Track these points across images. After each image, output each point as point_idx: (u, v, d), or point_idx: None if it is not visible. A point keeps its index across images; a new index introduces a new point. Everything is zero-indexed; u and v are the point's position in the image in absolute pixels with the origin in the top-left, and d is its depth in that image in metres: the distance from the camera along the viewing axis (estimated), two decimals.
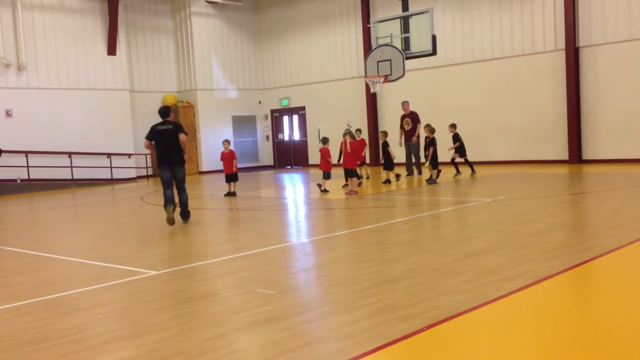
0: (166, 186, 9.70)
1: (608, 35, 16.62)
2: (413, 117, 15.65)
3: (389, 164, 14.40)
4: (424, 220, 9.29)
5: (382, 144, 14.84)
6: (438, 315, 4.36)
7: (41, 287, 6.07)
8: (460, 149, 15.07)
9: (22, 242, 9.20)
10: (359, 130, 15.56)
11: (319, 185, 13.44)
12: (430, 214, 9.85)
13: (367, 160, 17.04)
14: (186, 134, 10.02)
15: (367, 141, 16.37)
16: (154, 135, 9.83)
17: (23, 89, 19.20)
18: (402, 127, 15.72)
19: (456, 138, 15.08)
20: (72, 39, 20.22)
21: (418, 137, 15.55)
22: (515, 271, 5.52)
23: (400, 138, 15.78)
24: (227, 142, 14.20)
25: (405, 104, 16.00)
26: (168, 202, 9.53)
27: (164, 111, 9.90)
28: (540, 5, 17.73)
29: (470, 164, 15.26)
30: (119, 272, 6.49)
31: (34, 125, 19.22)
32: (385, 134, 14.96)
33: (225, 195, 13.89)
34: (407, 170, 15.94)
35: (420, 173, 15.71)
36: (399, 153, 15.63)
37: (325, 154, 13.27)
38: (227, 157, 13.90)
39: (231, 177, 13.95)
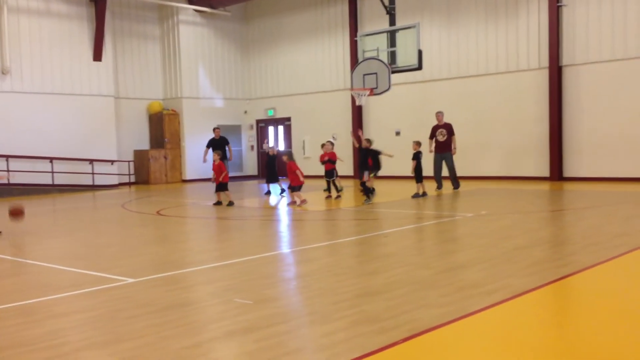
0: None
1: (591, 54, 16.87)
2: (448, 129, 15.35)
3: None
4: (405, 233, 9.30)
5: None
6: (416, 328, 4.36)
7: (16, 293, 5.97)
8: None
9: None
10: (330, 142, 15.26)
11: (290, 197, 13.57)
12: (412, 228, 9.87)
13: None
14: (228, 142, 17.69)
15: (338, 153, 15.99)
16: (210, 144, 17.36)
17: (6, 93, 18.99)
18: (431, 137, 15.45)
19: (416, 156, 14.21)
20: (57, 43, 20.08)
21: (454, 148, 15.36)
22: (494, 285, 5.53)
23: (430, 147, 15.47)
24: (216, 153, 14.01)
25: (439, 115, 15.58)
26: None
27: (216, 131, 17.76)
28: (525, 24, 17.96)
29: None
30: (96, 279, 6.41)
31: (16, 129, 19.00)
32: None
33: (214, 204, 13.64)
34: (437, 184, 15.48)
35: (456, 187, 15.33)
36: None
37: (293, 168, 13.31)
38: (216, 169, 13.80)
39: (220, 187, 13.79)
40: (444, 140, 15.30)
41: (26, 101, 19.37)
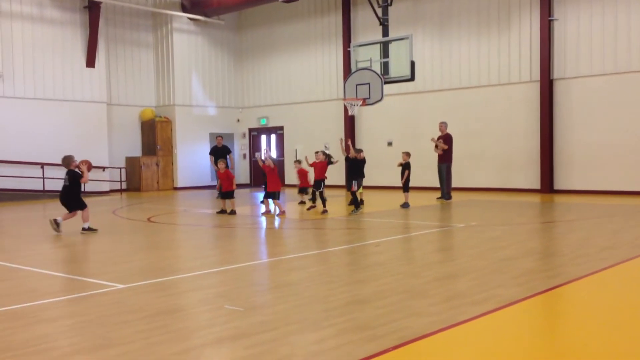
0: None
1: (581, 68, 17.03)
2: (444, 139, 15.52)
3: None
4: (395, 243, 9.33)
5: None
6: (405, 336, 4.37)
7: (4, 298, 5.94)
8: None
9: None
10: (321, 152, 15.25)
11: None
12: (403, 237, 9.90)
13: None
14: (230, 151, 18.23)
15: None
16: (213, 152, 17.95)
17: None
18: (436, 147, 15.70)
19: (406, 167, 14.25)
20: (50, 49, 20.05)
21: (450, 160, 15.55)
22: (483, 295, 5.56)
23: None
24: (221, 161, 13.78)
25: (442, 125, 15.84)
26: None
27: (218, 140, 18.49)
28: (517, 37, 18.12)
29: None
30: (85, 285, 6.39)
31: (6, 134, 18.92)
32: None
33: (218, 212, 13.40)
34: (441, 194, 15.68)
35: (447, 198, 15.39)
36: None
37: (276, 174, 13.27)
38: (223, 177, 13.56)
39: (225, 195, 13.48)
40: (441, 151, 15.57)
41: (18, 106, 19.30)
